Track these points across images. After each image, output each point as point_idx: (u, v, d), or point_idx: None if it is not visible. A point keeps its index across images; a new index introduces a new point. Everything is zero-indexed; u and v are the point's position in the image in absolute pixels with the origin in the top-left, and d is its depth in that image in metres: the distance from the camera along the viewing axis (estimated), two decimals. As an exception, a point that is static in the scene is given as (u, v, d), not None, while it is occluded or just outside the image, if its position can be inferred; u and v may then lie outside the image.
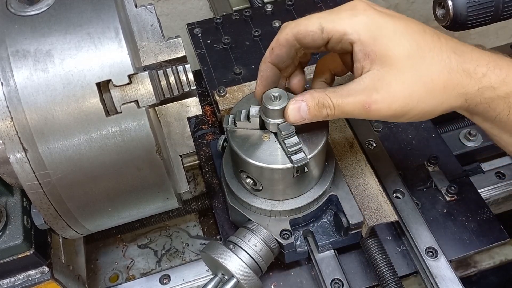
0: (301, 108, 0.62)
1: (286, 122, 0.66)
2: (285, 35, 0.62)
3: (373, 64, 0.58)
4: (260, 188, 0.73)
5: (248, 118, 0.70)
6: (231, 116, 0.72)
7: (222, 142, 0.83)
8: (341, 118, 0.62)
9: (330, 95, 0.60)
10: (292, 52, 0.64)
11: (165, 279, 0.87)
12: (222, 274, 0.72)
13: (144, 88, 0.55)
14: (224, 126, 0.72)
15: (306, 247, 0.78)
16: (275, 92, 0.67)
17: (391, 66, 0.58)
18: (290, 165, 0.67)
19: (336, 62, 0.70)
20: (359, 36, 0.58)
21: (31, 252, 0.66)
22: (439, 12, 0.72)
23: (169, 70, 0.61)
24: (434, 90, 0.58)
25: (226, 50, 1.06)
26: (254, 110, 0.69)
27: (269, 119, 0.67)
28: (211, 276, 0.74)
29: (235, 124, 0.71)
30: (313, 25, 0.60)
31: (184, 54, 0.64)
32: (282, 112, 0.66)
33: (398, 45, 0.58)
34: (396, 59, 0.58)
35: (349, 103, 0.59)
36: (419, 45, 0.58)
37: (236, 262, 0.70)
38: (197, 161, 1.00)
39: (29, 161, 0.53)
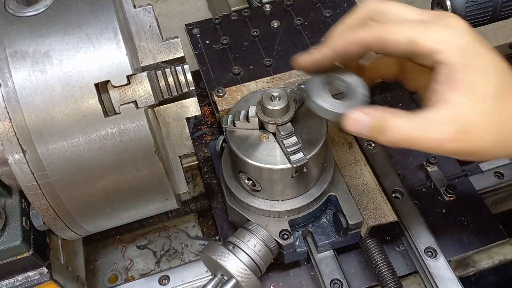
0: (361, 121, 0.55)
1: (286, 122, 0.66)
2: (370, 38, 0.55)
3: (457, 93, 0.53)
4: (259, 189, 0.73)
5: (247, 119, 0.70)
6: (230, 116, 0.72)
7: (221, 142, 0.83)
8: (401, 147, 0.56)
9: (400, 120, 0.54)
10: (360, 55, 0.60)
11: (164, 279, 0.87)
12: (221, 274, 0.72)
13: (142, 89, 0.55)
14: (223, 126, 0.72)
15: (305, 248, 0.78)
16: (275, 92, 0.67)
17: (477, 103, 0.53)
18: (289, 165, 0.67)
19: (390, 68, 0.65)
20: (450, 59, 0.52)
21: (30, 253, 0.66)
22: (438, 12, 0.72)
23: (167, 70, 0.61)
24: (505, 137, 0.54)
25: (224, 50, 1.06)
26: (253, 110, 0.69)
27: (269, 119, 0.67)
28: (210, 277, 0.74)
29: (234, 124, 0.71)
30: (402, 35, 0.54)
31: (183, 55, 0.64)
32: (281, 112, 0.66)
33: (488, 81, 0.53)
34: (484, 96, 0.53)
35: (422, 137, 0.53)
36: (503, 85, 0.53)
37: (235, 263, 0.70)
38: (196, 162, 1.00)
39: (27, 162, 0.53)
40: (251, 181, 0.73)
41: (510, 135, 0.55)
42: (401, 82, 0.67)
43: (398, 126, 0.54)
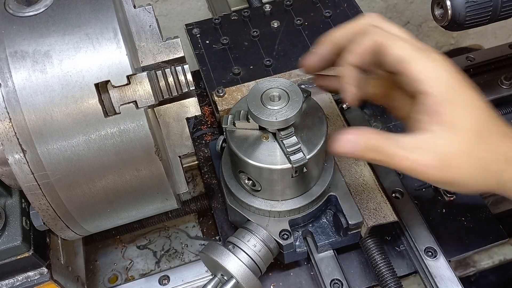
0: (356, 143, 0.58)
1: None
2: (371, 42, 0.58)
3: (439, 125, 0.55)
4: (259, 189, 0.73)
5: (247, 119, 0.70)
6: (230, 116, 0.72)
7: (221, 142, 0.83)
8: (380, 164, 0.59)
9: (388, 143, 0.57)
10: (368, 67, 0.61)
11: (164, 279, 0.87)
12: (222, 274, 0.72)
13: (142, 89, 0.55)
14: (223, 126, 0.72)
15: (305, 248, 0.78)
16: (275, 92, 0.67)
17: (459, 137, 0.55)
18: (289, 165, 0.67)
19: (378, 89, 0.67)
20: (435, 92, 0.55)
21: (30, 253, 0.66)
22: (438, 12, 0.73)
23: (167, 70, 0.61)
24: (483, 172, 0.57)
25: (224, 50, 1.06)
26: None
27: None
28: (211, 277, 0.74)
29: (234, 124, 0.71)
30: (397, 52, 0.56)
31: (183, 55, 0.64)
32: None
33: (470, 118, 0.56)
34: (465, 131, 0.55)
35: (405, 159, 0.56)
36: (481, 123, 0.56)
37: (235, 263, 0.70)
38: (196, 162, 1.00)
39: (27, 162, 0.53)
40: (251, 181, 0.73)
41: (490, 170, 0.57)
42: (387, 108, 0.69)
43: (385, 148, 0.57)
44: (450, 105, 0.55)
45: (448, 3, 0.70)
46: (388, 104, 0.68)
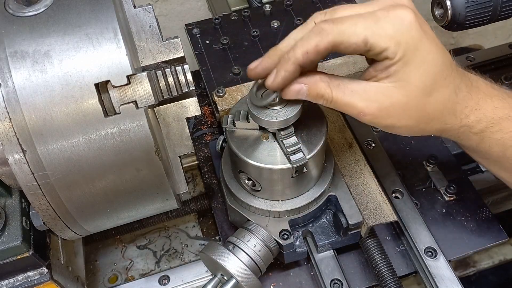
0: (301, 91, 0.61)
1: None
2: (326, 44, 0.57)
3: (386, 79, 0.59)
4: (259, 189, 0.73)
5: (247, 119, 0.70)
6: (230, 116, 0.72)
7: (221, 142, 0.83)
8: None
9: (333, 90, 0.60)
10: (322, 59, 0.62)
11: (164, 279, 0.87)
12: (222, 274, 0.72)
13: (142, 89, 0.55)
14: (223, 126, 0.72)
15: (305, 248, 0.78)
16: (275, 92, 0.67)
17: (401, 90, 0.59)
18: (289, 165, 0.67)
19: None
20: (395, 56, 0.57)
21: (30, 253, 0.66)
22: (438, 12, 0.73)
23: (167, 70, 0.61)
24: (422, 120, 0.62)
25: (224, 50, 1.06)
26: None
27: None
28: (211, 277, 0.74)
29: (234, 124, 0.71)
30: (358, 38, 0.57)
31: (183, 55, 0.64)
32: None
33: (418, 75, 0.59)
34: (409, 87, 0.59)
35: (347, 105, 0.60)
36: (435, 80, 0.59)
37: (235, 263, 0.70)
38: (196, 162, 1.00)
39: (27, 162, 0.53)
40: (251, 181, 0.73)
41: (431, 123, 0.62)
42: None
43: (330, 95, 0.60)
44: (405, 65, 0.58)
45: (448, 3, 0.70)
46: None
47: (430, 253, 0.79)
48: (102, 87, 0.54)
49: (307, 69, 0.62)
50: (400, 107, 0.60)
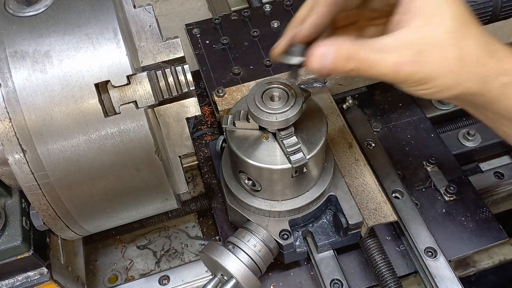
0: (326, 56, 0.55)
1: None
2: None
3: (414, 19, 0.54)
4: (259, 189, 0.73)
5: (247, 119, 0.70)
6: (230, 116, 0.72)
7: (221, 142, 0.83)
8: (362, 76, 0.57)
9: (362, 48, 0.54)
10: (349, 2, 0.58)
11: (164, 280, 0.87)
12: (222, 274, 0.72)
13: (142, 89, 0.55)
14: (223, 126, 0.72)
15: (305, 248, 0.78)
16: (275, 92, 0.68)
17: (435, 26, 0.54)
18: (289, 165, 0.67)
19: (351, 15, 0.65)
20: None
21: (30, 253, 0.66)
22: (438, 12, 0.72)
23: (167, 70, 0.61)
24: (462, 65, 0.55)
25: (224, 50, 1.06)
26: None
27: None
28: (211, 277, 0.74)
29: (234, 124, 0.71)
30: None
31: (183, 55, 0.64)
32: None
33: (447, 8, 0.54)
34: (442, 20, 0.54)
35: (380, 61, 0.54)
36: (462, 14, 0.54)
37: (235, 263, 0.70)
38: (196, 162, 1.00)
39: (27, 162, 0.53)
40: (251, 181, 0.73)
41: (469, 63, 0.55)
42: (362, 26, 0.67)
43: (360, 53, 0.54)
44: None
45: (448, 3, 0.70)
46: (360, 29, 0.67)
47: (430, 253, 0.79)
48: (102, 87, 0.54)
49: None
50: (436, 46, 0.54)
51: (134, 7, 0.64)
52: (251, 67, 1.01)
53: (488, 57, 0.56)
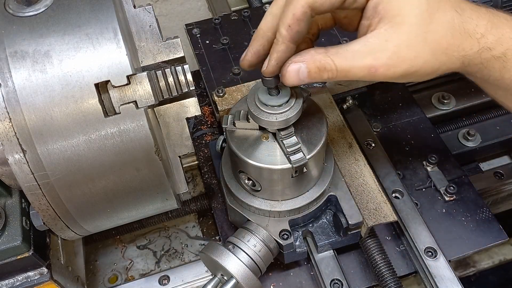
0: (300, 70, 0.58)
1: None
2: (301, 8, 0.55)
3: (381, 22, 0.56)
4: (259, 189, 0.73)
5: (247, 119, 0.70)
6: (230, 116, 0.72)
7: (221, 142, 0.83)
8: (341, 80, 0.59)
9: (333, 57, 0.57)
10: (308, 26, 0.59)
11: (164, 279, 0.87)
12: (222, 274, 0.72)
13: (142, 89, 0.55)
14: (223, 126, 0.72)
15: (305, 248, 0.78)
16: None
17: (400, 26, 0.56)
18: (289, 165, 0.67)
19: (325, 17, 0.67)
20: None
21: (30, 253, 0.66)
22: (438, 12, 0.72)
23: (167, 70, 0.61)
24: (437, 52, 0.57)
25: (224, 50, 1.06)
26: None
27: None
28: (211, 277, 0.74)
29: (234, 124, 0.71)
30: None
31: (183, 55, 0.64)
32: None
33: (410, 5, 0.56)
34: (405, 19, 0.56)
35: (354, 67, 0.56)
36: (428, 4, 0.56)
37: (235, 263, 0.70)
38: (196, 162, 1.00)
39: (27, 162, 0.53)
40: (251, 181, 0.73)
41: (447, 47, 0.57)
42: (340, 27, 0.68)
43: (331, 64, 0.56)
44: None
45: (448, 3, 0.70)
46: (340, 24, 0.67)
47: (430, 253, 0.79)
48: (102, 87, 0.54)
49: (301, 45, 0.60)
50: (408, 45, 0.56)
51: (134, 7, 0.64)
52: (251, 67, 1.01)
53: (466, 37, 0.57)
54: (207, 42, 1.07)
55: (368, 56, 0.56)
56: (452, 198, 0.88)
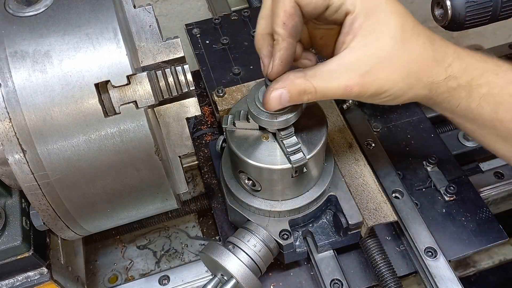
0: (282, 96, 0.60)
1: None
2: (290, 3, 0.57)
3: (354, 40, 0.57)
4: (259, 189, 0.73)
5: (247, 119, 0.70)
6: (230, 116, 0.72)
7: (221, 142, 0.83)
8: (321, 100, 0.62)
9: (312, 80, 0.58)
10: (302, 21, 0.60)
11: (164, 280, 0.87)
12: (222, 274, 0.72)
13: (142, 89, 0.55)
14: (223, 126, 0.72)
15: (305, 248, 0.78)
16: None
17: (373, 45, 0.57)
18: (289, 165, 0.67)
19: (303, 36, 0.67)
20: (355, 8, 0.57)
21: (30, 253, 0.66)
22: (438, 12, 0.72)
23: (167, 70, 0.61)
24: (408, 75, 0.58)
25: (224, 50, 1.06)
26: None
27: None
28: (211, 277, 0.74)
29: (234, 124, 0.71)
30: None
31: (183, 55, 0.64)
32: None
33: (386, 25, 0.57)
34: (380, 39, 0.57)
35: (331, 88, 0.58)
36: (403, 28, 0.58)
37: (235, 263, 0.70)
38: (196, 162, 1.00)
39: (27, 162, 0.53)
40: (251, 181, 0.73)
41: (417, 72, 0.58)
42: (315, 50, 0.69)
43: (311, 86, 0.58)
44: (367, 17, 0.56)
45: (448, 3, 0.70)
46: (315, 44, 0.68)
47: (430, 253, 0.79)
48: (102, 87, 0.54)
49: (300, 41, 0.62)
50: (380, 64, 0.57)
51: (134, 7, 0.64)
52: (251, 67, 1.02)
53: (435, 65, 0.59)
54: (207, 42, 1.07)
55: (343, 75, 0.57)
56: (452, 198, 0.88)
